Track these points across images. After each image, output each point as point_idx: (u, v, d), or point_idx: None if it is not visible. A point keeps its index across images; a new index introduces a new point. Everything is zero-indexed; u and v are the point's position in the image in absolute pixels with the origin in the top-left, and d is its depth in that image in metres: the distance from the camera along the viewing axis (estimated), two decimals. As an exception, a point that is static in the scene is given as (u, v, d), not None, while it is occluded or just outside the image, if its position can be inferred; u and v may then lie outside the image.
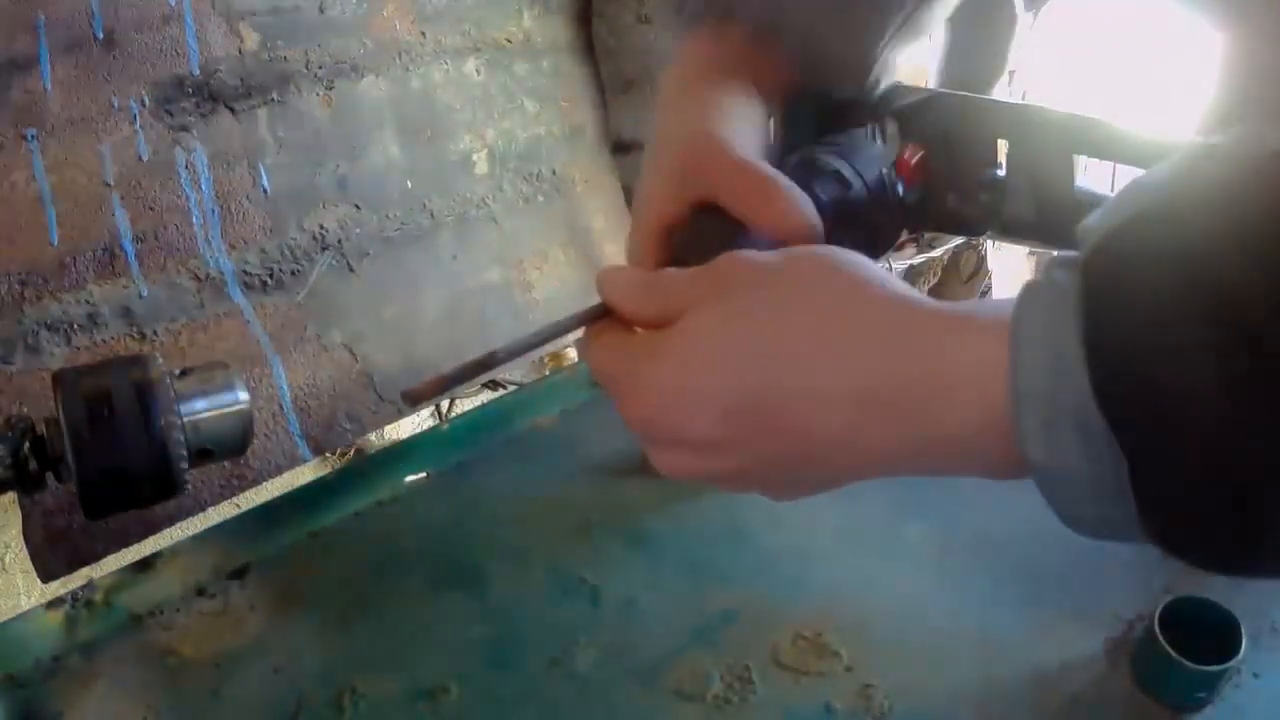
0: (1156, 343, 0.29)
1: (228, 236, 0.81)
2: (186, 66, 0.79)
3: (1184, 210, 0.31)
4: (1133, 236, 0.31)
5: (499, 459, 0.84)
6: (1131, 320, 0.30)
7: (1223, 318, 0.28)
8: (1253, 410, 0.28)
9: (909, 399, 0.35)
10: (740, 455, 0.39)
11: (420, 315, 0.93)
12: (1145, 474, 0.31)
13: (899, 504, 0.73)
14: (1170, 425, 0.30)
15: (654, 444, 0.41)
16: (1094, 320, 0.30)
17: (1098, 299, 0.31)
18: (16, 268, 0.71)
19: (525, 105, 1.04)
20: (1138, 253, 0.31)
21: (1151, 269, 0.30)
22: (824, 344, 0.37)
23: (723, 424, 0.38)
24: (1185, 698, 0.57)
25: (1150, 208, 0.31)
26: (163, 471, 0.57)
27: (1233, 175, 0.30)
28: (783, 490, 0.42)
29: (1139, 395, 0.30)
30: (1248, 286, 0.28)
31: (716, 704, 0.59)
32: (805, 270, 0.39)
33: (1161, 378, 0.29)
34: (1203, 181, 0.31)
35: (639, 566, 0.70)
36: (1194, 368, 0.29)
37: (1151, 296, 0.30)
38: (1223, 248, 0.29)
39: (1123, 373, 0.30)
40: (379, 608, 0.68)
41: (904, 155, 0.65)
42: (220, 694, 0.62)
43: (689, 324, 0.39)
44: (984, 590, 0.66)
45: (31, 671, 0.64)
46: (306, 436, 0.84)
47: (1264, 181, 0.30)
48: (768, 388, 0.37)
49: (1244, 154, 0.31)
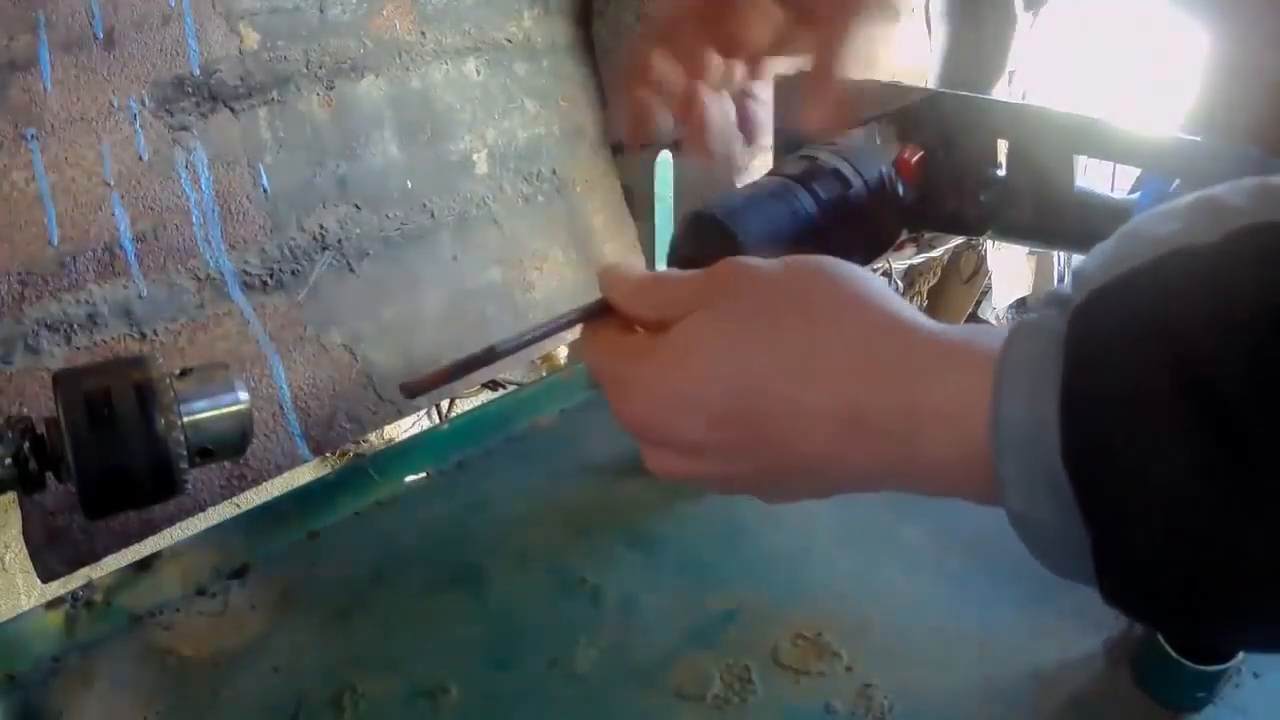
0: (1127, 416, 0.29)
1: (228, 236, 0.81)
2: (186, 66, 0.79)
3: (1171, 278, 0.30)
4: (1116, 299, 0.31)
5: (499, 459, 0.84)
6: (1105, 390, 0.29)
7: (1193, 394, 0.28)
8: (1220, 497, 0.28)
9: (892, 425, 0.35)
10: (727, 461, 0.39)
11: (420, 315, 0.93)
12: (1105, 544, 0.30)
13: (899, 504, 0.73)
14: (1133, 501, 0.29)
15: (644, 444, 0.42)
16: (1070, 385, 0.30)
17: (1076, 362, 0.30)
18: (16, 267, 0.71)
19: (525, 105, 1.04)
20: (1119, 318, 0.30)
21: (1129, 338, 0.29)
22: (814, 360, 0.37)
23: (710, 430, 0.38)
24: (1185, 698, 0.57)
25: (1140, 270, 0.31)
26: (163, 471, 0.57)
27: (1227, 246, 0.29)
28: (771, 496, 0.42)
29: (1105, 468, 0.29)
30: (1223, 366, 0.27)
31: (716, 704, 0.59)
32: (804, 282, 0.39)
33: (1129, 453, 0.29)
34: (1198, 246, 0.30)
35: (639, 566, 0.70)
36: (1162, 448, 0.28)
37: (1126, 367, 0.29)
38: (1204, 324, 0.28)
39: (1092, 443, 0.30)
40: (379, 608, 0.68)
41: (904, 155, 0.65)
42: (220, 694, 0.62)
43: (685, 329, 0.39)
44: (984, 590, 0.66)
45: (31, 671, 0.64)
46: (306, 436, 0.84)
47: (1255, 263, 0.28)
48: (756, 399, 0.37)
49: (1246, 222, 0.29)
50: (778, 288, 0.39)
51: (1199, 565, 0.29)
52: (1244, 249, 0.29)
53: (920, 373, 0.35)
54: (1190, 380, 0.28)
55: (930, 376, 0.34)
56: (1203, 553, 0.29)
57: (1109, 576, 0.31)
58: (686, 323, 0.39)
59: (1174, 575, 0.30)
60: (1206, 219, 0.30)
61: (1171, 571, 0.30)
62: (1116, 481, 0.29)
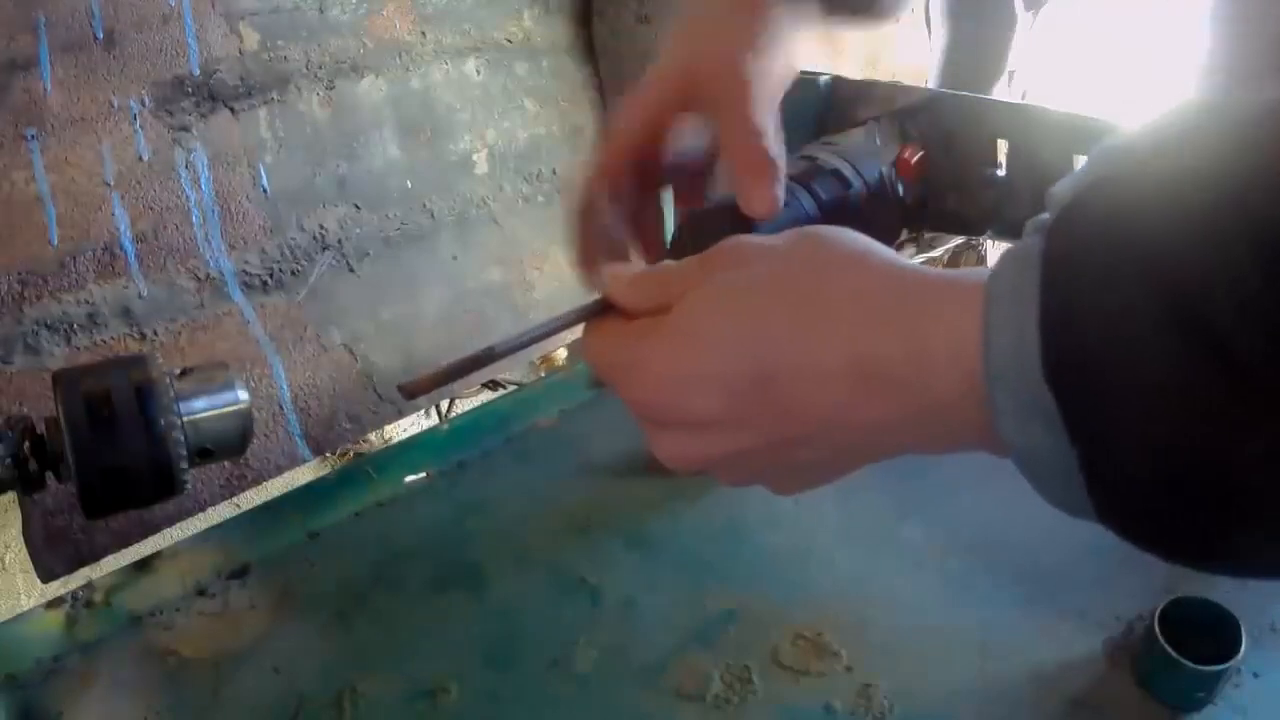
0: (1103, 328, 0.28)
1: (227, 236, 0.81)
2: (186, 66, 0.79)
3: (1147, 180, 0.29)
4: (1084, 214, 0.30)
5: (499, 459, 0.83)
6: (1080, 304, 0.29)
7: (1184, 319, 0.27)
8: (1199, 403, 0.27)
9: (902, 370, 0.35)
10: (741, 435, 0.39)
11: (420, 315, 0.93)
12: (1092, 461, 0.30)
13: (899, 504, 0.73)
14: (1113, 413, 0.29)
15: (655, 427, 0.41)
16: (1047, 303, 0.30)
17: (1051, 279, 0.30)
18: (16, 267, 0.71)
19: (525, 105, 1.04)
20: (1089, 232, 0.30)
21: (1099, 250, 0.29)
22: (820, 317, 0.36)
23: (724, 401, 0.38)
24: (1185, 698, 0.57)
25: (1113, 173, 0.30)
26: (163, 471, 0.57)
27: (1209, 141, 0.29)
28: (784, 477, 0.41)
29: (1086, 382, 0.29)
30: (1209, 281, 0.26)
31: (716, 704, 0.59)
32: (803, 247, 0.39)
33: (1107, 365, 0.28)
34: (1176, 144, 0.29)
35: (639, 566, 0.70)
36: (1138, 357, 0.28)
37: (1099, 279, 0.29)
38: (1185, 232, 0.27)
39: (1071, 358, 0.29)
40: (379, 608, 0.68)
41: (904, 155, 0.65)
42: (220, 694, 0.62)
43: (689, 303, 0.39)
44: (984, 590, 0.66)
45: (31, 671, 0.64)
46: (306, 436, 0.84)
47: (1242, 150, 0.27)
48: (767, 363, 0.37)
49: (1223, 111, 0.29)
50: (777, 255, 0.39)
51: (1184, 476, 0.28)
52: (1207, 149, 0.28)
53: (924, 315, 0.35)
54: (1162, 285, 0.27)
55: (932, 317, 0.34)
56: (1186, 462, 0.28)
57: (1100, 496, 0.31)
58: (690, 297, 0.39)
59: (1159, 488, 0.29)
60: (1174, 129, 0.30)
61: (1156, 485, 0.29)
62: (1097, 395, 0.29)
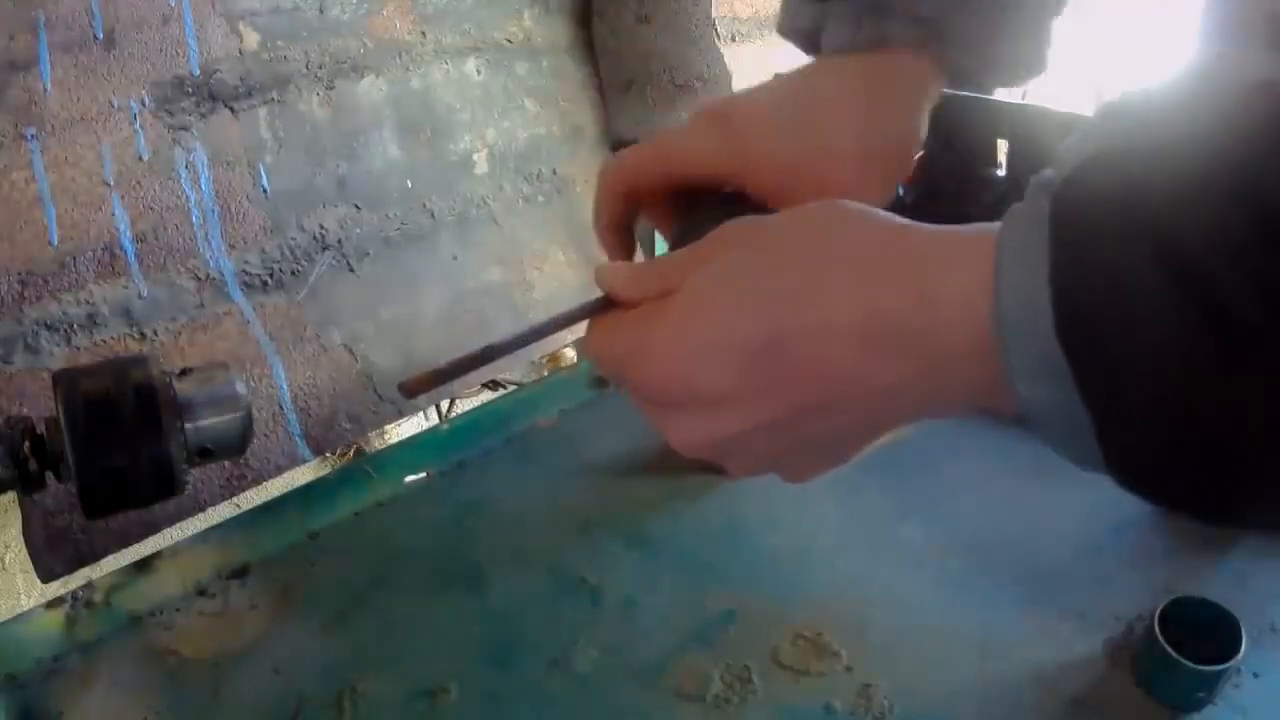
0: (1111, 288, 0.29)
1: (227, 236, 0.81)
2: (186, 66, 0.79)
3: (1152, 146, 0.30)
4: (1093, 175, 0.30)
5: (499, 459, 0.84)
6: (1089, 263, 0.29)
7: (1184, 282, 0.27)
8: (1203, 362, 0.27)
9: (910, 321, 0.35)
10: (752, 410, 0.38)
11: (420, 315, 0.93)
12: (1105, 420, 0.30)
13: (899, 504, 0.73)
14: (1124, 373, 0.29)
15: (664, 411, 0.40)
16: (1057, 262, 0.30)
17: (1060, 239, 0.30)
18: (16, 267, 0.71)
19: (525, 105, 1.04)
20: (1097, 193, 0.30)
21: (1108, 210, 0.29)
22: (827, 279, 0.36)
23: (733, 373, 0.37)
24: (1185, 698, 0.57)
25: (1119, 140, 0.30)
26: (163, 471, 0.57)
27: (1209, 108, 0.29)
28: (796, 457, 0.41)
29: (1096, 342, 0.29)
30: (1208, 246, 0.27)
31: (716, 704, 0.59)
32: (805, 216, 0.39)
33: (1116, 324, 0.29)
34: (1178, 110, 0.30)
35: (639, 566, 0.70)
36: (1145, 318, 0.28)
37: (1107, 239, 0.29)
38: (1186, 198, 0.28)
39: (1081, 318, 0.30)
40: (379, 608, 0.68)
41: (904, 155, 0.65)
42: (220, 694, 0.62)
43: (694, 282, 0.39)
44: (984, 590, 0.66)
45: (31, 671, 0.64)
46: (306, 436, 0.84)
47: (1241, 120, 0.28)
48: (776, 326, 0.37)
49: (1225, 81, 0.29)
50: (779, 227, 0.39)
51: (1185, 435, 0.29)
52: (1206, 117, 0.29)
53: (933, 268, 0.35)
54: (1164, 249, 0.28)
55: (942, 269, 0.34)
56: (1186, 421, 0.29)
57: (1113, 455, 0.31)
58: (695, 276, 0.39)
59: (1163, 445, 0.30)
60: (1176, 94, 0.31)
61: (1160, 442, 0.30)
62: (1107, 354, 0.29)
